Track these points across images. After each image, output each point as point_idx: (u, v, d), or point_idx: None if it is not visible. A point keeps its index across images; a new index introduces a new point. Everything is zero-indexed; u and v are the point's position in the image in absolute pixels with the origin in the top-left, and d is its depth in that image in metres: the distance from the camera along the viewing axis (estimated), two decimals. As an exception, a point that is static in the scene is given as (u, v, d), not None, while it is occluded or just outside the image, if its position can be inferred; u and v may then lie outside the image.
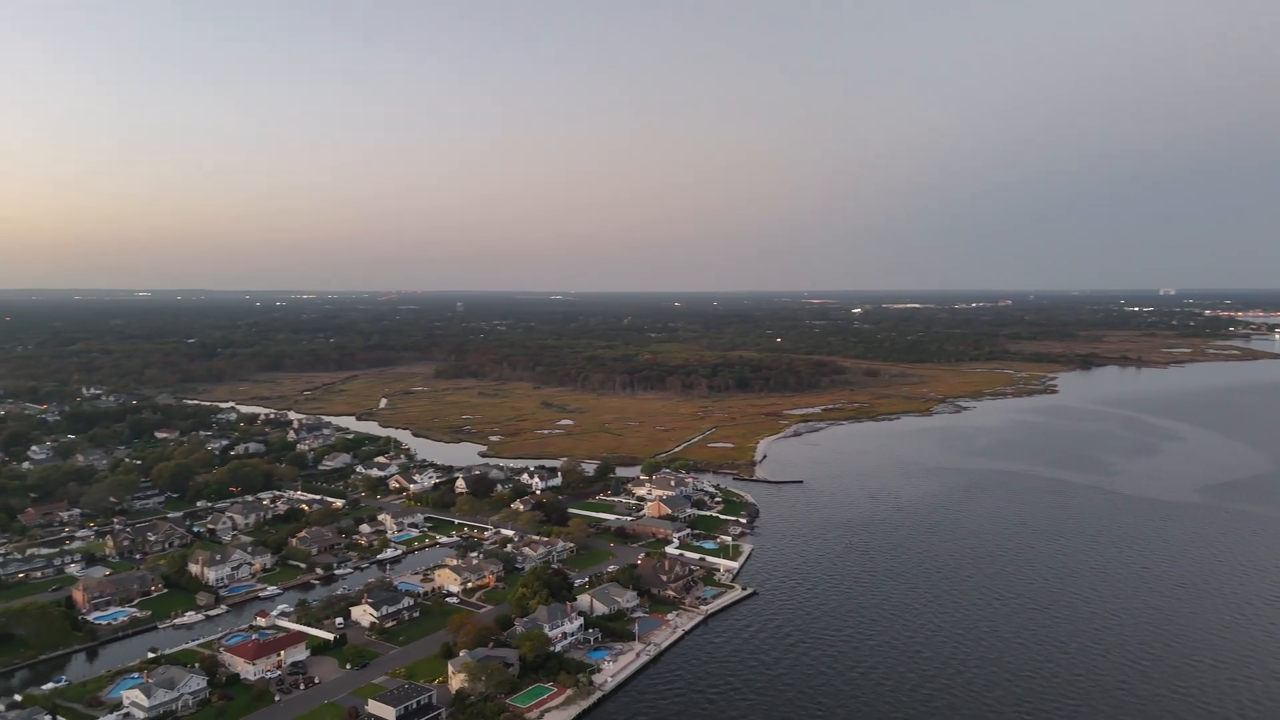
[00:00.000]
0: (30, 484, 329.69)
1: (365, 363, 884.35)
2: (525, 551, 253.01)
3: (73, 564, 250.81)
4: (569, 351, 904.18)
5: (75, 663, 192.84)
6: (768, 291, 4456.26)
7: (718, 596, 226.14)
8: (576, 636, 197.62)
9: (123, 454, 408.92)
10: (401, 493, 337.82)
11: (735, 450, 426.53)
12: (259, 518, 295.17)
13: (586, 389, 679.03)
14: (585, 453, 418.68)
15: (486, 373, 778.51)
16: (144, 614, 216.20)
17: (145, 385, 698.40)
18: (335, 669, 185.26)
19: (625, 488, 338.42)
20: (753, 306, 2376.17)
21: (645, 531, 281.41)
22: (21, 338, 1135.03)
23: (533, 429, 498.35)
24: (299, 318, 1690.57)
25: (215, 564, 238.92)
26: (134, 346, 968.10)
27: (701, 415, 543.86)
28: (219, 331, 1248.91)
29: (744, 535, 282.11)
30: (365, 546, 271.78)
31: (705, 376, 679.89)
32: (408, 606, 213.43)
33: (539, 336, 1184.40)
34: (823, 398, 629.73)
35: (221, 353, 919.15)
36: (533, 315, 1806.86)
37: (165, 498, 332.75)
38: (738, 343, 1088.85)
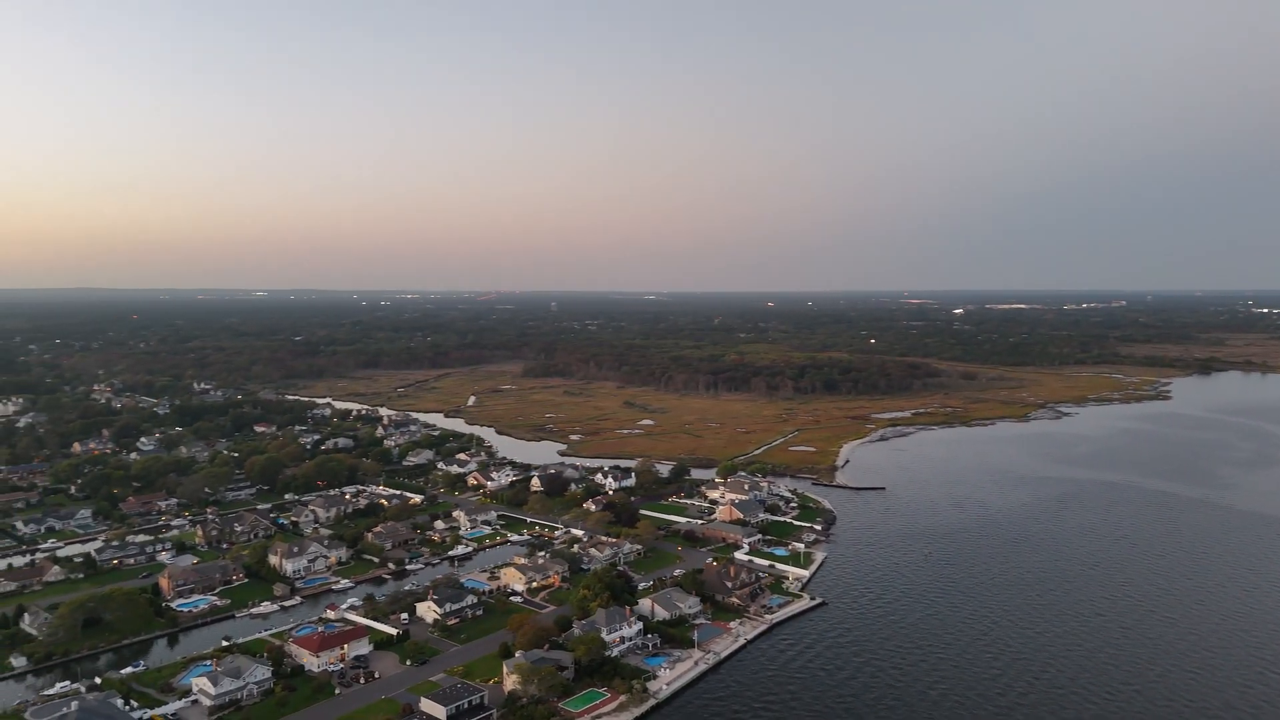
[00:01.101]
0: (134, 474, 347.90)
1: (458, 361, 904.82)
2: (592, 552, 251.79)
3: (164, 552, 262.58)
4: (655, 351, 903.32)
5: (157, 648, 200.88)
6: (865, 291, 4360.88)
7: (784, 605, 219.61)
8: (635, 641, 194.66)
9: (222, 447, 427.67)
10: (479, 490, 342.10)
11: (817, 454, 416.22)
12: (339, 511, 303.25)
13: (670, 389, 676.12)
14: (663, 453, 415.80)
15: (573, 372, 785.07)
16: (223, 603, 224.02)
17: (251, 381, 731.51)
18: (396, 664, 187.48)
19: (699, 490, 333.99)
20: (848, 307, 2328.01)
21: (715, 536, 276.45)
22: (145, 335, 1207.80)
23: (613, 428, 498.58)
24: (400, 317, 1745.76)
25: (293, 556, 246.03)
26: (244, 344, 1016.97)
27: (785, 418, 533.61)
28: (324, 330, 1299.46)
29: (818, 543, 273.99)
30: (438, 543, 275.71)
31: (791, 378, 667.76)
32: (471, 604, 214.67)
33: (627, 336, 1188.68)
34: (914, 401, 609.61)
35: (324, 350, 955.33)
36: (624, 315, 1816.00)
37: (256, 490, 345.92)
38: (829, 344, 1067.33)
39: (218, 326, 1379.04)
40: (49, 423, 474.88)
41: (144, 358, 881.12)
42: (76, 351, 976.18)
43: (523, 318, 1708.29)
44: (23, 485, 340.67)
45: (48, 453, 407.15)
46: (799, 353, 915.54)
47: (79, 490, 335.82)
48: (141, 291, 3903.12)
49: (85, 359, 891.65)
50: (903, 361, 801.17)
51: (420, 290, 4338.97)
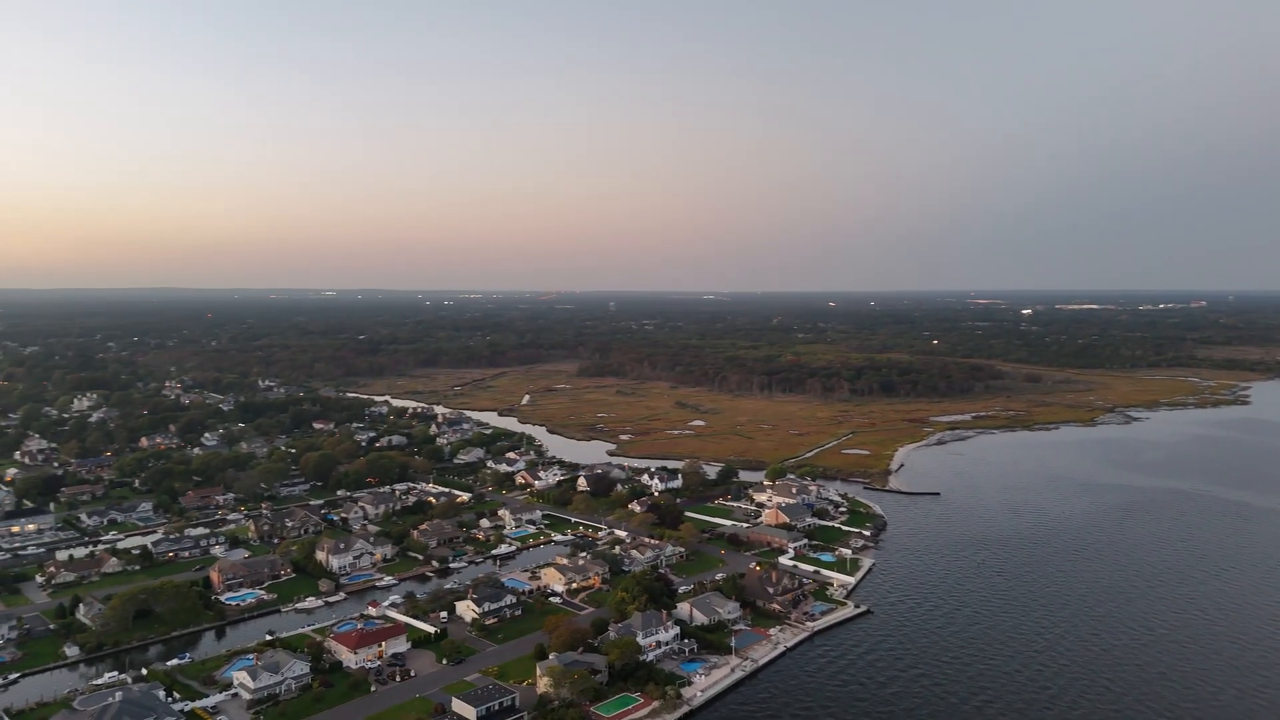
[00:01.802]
0: (194, 469, 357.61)
1: (515, 360, 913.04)
2: (633, 554, 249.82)
3: (216, 545, 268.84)
4: (710, 351, 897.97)
5: (205, 640, 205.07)
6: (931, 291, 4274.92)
7: (827, 613, 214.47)
8: (671, 646, 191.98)
9: (281, 443, 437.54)
10: (526, 488, 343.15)
11: (871, 458, 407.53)
12: (388, 508, 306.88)
13: (723, 390, 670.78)
14: (712, 454, 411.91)
15: (627, 371, 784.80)
16: (270, 597, 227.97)
17: (314, 378, 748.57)
18: (432, 663, 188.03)
19: (746, 493, 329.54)
20: (911, 307, 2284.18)
21: (759, 540, 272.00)
22: (217, 333, 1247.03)
23: (664, 429, 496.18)
24: (462, 316, 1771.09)
25: (339, 552, 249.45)
26: (309, 342, 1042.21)
27: (839, 420, 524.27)
28: (386, 329, 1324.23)
29: (866, 549, 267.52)
30: (482, 541, 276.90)
31: (848, 379, 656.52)
32: (510, 604, 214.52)
33: (683, 336, 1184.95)
34: (975, 404, 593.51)
35: (385, 349, 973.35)
36: (682, 315, 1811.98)
37: (310, 486, 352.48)
38: (889, 344, 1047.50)
39: (286, 325, 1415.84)
40: (120, 418, 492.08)
41: (214, 355, 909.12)
42: (152, 349, 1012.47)
43: (581, 318, 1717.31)
44: (90, 478, 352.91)
45: (116, 447, 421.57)
46: (858, 354, 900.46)
47: (142, 484, 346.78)
48: (218, 291, 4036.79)
49: (159, 356, 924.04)
50: (965, 363, 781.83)
51: (483, 290, 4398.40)
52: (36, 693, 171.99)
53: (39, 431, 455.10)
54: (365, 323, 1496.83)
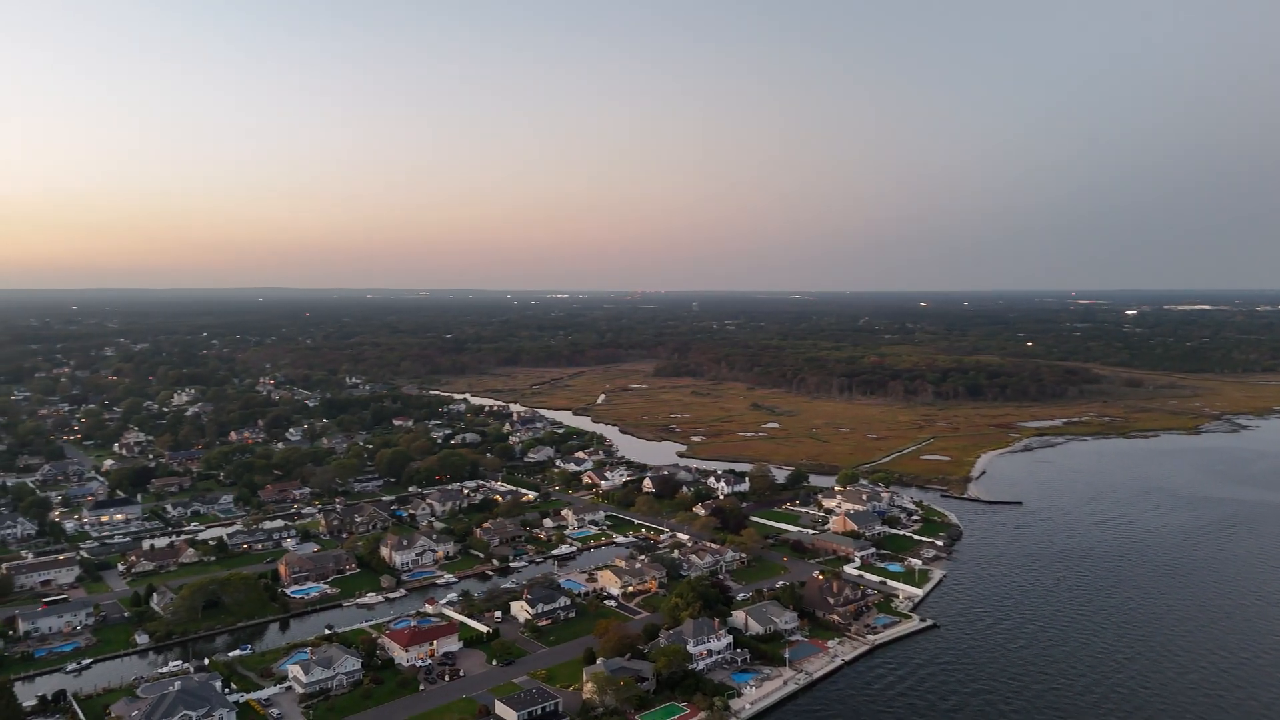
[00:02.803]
0: (275, 463, 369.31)
1: (594, 359, 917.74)
2: (692, 558, 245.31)
3: (288, 539, 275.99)
4: (791, 352, 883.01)
5: (270, 632, 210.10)
6: (1028, 291, 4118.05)
7: (890, 626, 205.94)
8: (723, 655, 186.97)
9: (361, 439, 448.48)
10: (592, 488, 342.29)
11: (951, 464, 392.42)
12: (455, 505, 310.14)
13: (801, 391, 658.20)
14: (784, 458, 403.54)
15: (704, 372, 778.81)
16: (333, 591, 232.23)
17: (399, 376, 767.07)
18: (483, 663, 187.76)
19: (815, 498, 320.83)
20: (1006, 307, 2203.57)
21: (825, 547, 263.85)
22: (313, 331, 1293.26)
23: (736, 431, 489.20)
24: (547, 316, 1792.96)
25: (401, 549, 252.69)
26: (398, 340, 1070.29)
27: (921, 424, 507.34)
28: (473, 328, 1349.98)
29: (937, 559, 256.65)
30: (544, 541, 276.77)
31: (932, 382, 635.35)
32: (564, 606, 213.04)
33: (764, 336, 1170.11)
34: (1067, 409, 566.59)
35: (469, 347, 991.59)
36: (765, 315, 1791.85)
37: (384, 482, 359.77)
38: (980, 346, 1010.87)
39: (378, 324, 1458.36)
40: (213, 412, 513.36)
41: (307, 353, 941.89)
42: (251, 346, 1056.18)
43: (663, 317, 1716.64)
44: (179, 471, 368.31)
45: (206, 440, 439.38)
46: (945, 355, 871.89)
47: (226, 477, 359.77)
48: (319, 291, 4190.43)
49: (256, 353, 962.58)
50: (1059, 366, 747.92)
51: (570, 290, 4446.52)
52: (106, 679, 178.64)
53: (139, 424, 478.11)
54: (454, 322, 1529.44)
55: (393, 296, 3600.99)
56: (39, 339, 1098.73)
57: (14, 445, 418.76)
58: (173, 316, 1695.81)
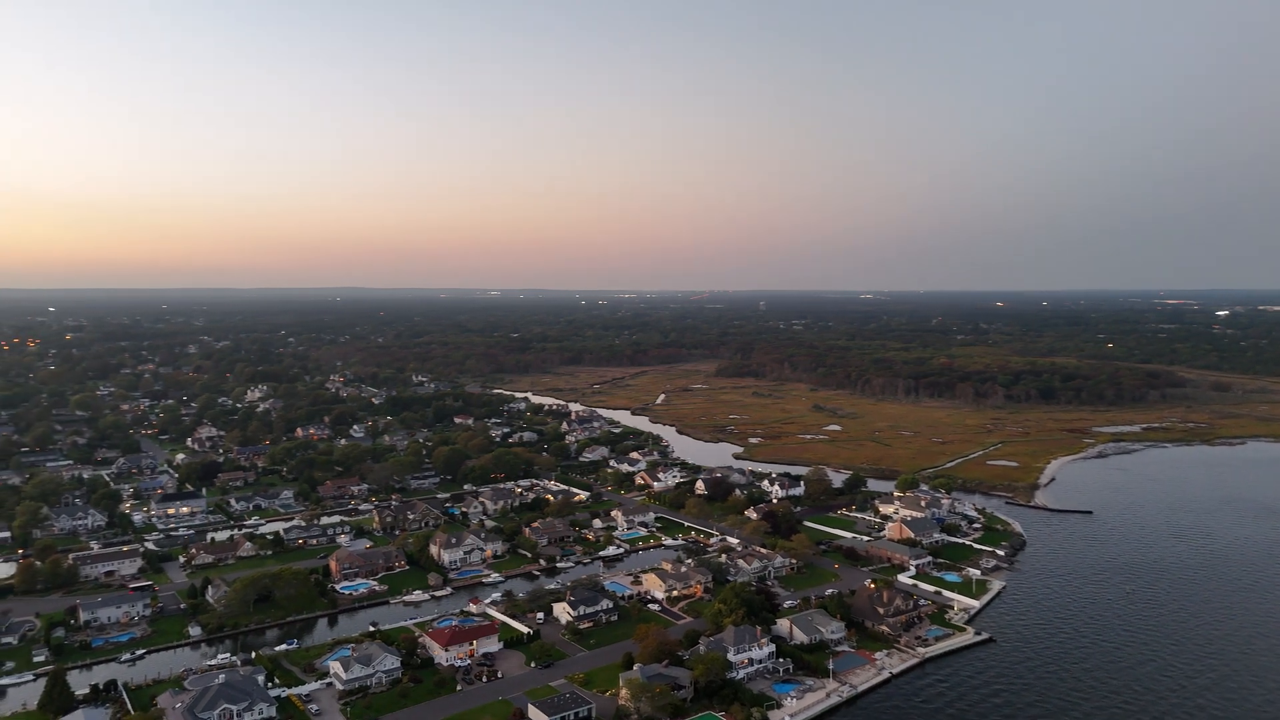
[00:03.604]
0: (335, 459, 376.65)
1: (656, 359, 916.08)
2: (740, 563, 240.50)
3: (342, 535, 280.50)
4: (857, 353, 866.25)
5: (318, 627, 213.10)
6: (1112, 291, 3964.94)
7: (943, 638, 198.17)
8: (764, 664, 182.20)
9: (422, 436, 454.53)
10: (644, 489, 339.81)
11: (1018, 470, 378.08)
12: (506, 504, 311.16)
13: (866, 393, 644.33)
14: (842, 461, 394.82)
15: (766, 372, 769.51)
16: (382, 588, 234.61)
17: (464, 375, 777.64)
18: (521, 665, 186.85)
19: (872, 504, 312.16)
20: (1088, 308, 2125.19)
21: (879, 555, 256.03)
22: (385, 330, 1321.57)
23: (796, 433, 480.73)
24: (613, 315, 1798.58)
25: (450, 547, 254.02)
26: (465, 339, 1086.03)
27: (989, 428, 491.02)
28: (539, 327, 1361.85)
29: (997, 570, 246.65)
30: (592, 541, 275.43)
31: (1003, 384, 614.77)
32: (606, 609, 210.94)
33: (831, 337, 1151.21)
34: (1147, 414, 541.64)
35: (534, 347, 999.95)
36: (834, 315, 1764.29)
37: (440, 479, 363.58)
38: (1056, 348, 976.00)
39: (448, 323, 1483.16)
40: (283, 409, 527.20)
41: (377, 351, 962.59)
42: (325, 344, 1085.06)
43: (729, 317, 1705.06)
44: (245, 466, 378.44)
45: (273, 436, 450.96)
46: (1018, 357, 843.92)
47: (289, 472, 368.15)
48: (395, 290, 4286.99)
49: (330, 351, 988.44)
50: (1140, 369, 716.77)
51: (638, 290, 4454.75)
52: (157, 670, 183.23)
53: (212, 420, 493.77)
54: (521, 321, 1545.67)
55: (465, 296, 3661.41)
56: (128, 337, 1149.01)
57: (94, 439, 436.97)
58: (255, 315, 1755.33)
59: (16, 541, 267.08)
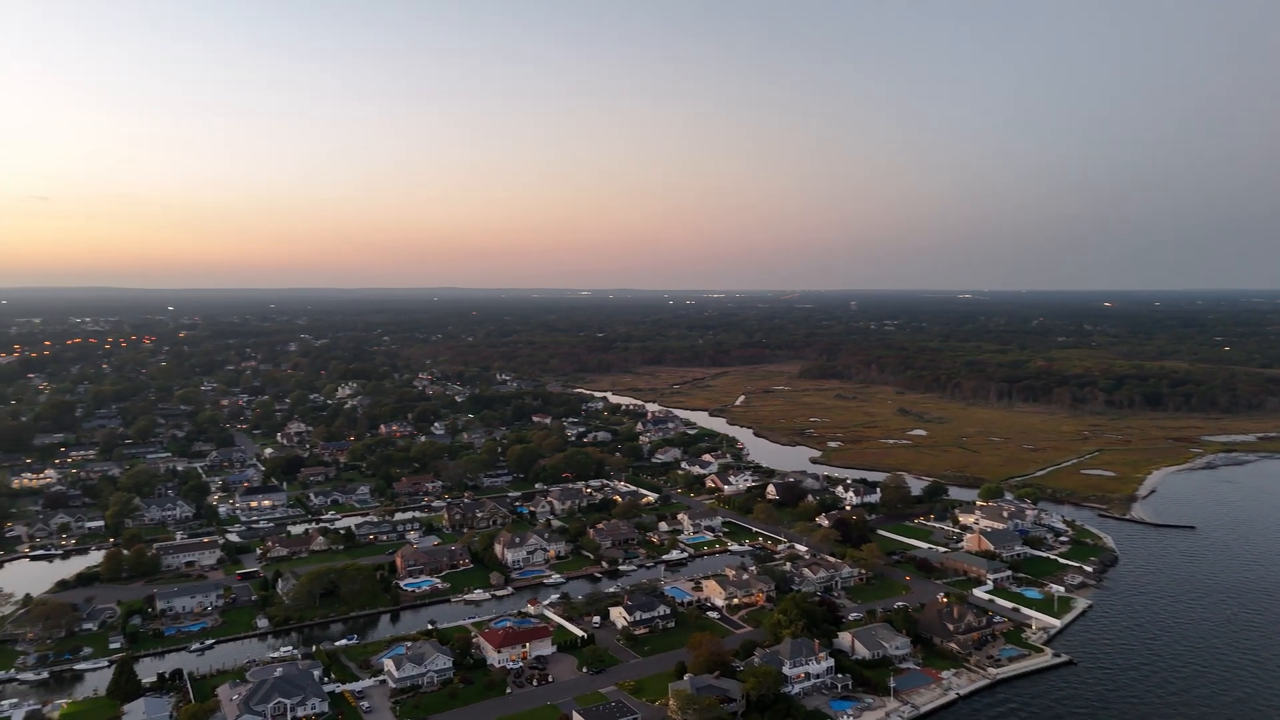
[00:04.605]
0: (413, 455, 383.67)
1: (739, 359, 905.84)
2: (805, 572, 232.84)
3: (412, 531, 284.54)
4: (948, 355, 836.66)
5: (381, 623, 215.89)
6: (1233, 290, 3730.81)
7: (1018, 659, 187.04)
8: (822, 679, 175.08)
9: (499, 434, 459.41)
10: (715, 492, 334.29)
11: (1115, 481, 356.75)
12: (574, 504, 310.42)
13: (956, 397, 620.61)
14: (925, 468, 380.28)
15: (852, 374, 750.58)
16: (444, 586, 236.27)
17: (546, 374, 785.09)
18: (573, 669, 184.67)
19: (951, 513, 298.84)
20: (1205, 308, 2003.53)
21: (954, 567, 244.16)
22: (476, 329, 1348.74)
23: (878, 437, 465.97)
24: (699, 315, 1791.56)
25: (514, 546, 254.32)
26: (550, 338, 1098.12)
27: (1086, 435, 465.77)
28: (624, 327, 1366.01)
29: (1084, 587, 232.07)
30: (656, 545, 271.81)
31: (1104, 389, 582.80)
32: (663, 615, 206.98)
33: (923, 338, 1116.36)
34: (1265, 422, 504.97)
35: (617, 346, 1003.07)
36: (928, 315, 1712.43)
37: (512, 477, 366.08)
38: (1166, 351, 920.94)
39: (537, 323, 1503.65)
40: (369, 406, 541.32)
41: (465, 350, 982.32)
42: (417, 343, 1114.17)
43: (818, 317, 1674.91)
44: (327, 461, 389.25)
45: (357, 432, 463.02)
46: (1123, 360, 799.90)
47: (368, 468, 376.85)
48: (490, 291, 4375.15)
49: (421, 350, 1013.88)
50: (1260, 374, 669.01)
51: (727, 290, 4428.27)
52: (223, 660, 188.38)
53: (302, 416, 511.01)
54: (608, 321, 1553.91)
55: (556, 296, 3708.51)
56: (236, 334, 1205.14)
57: (193, 432, 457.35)
58: (354, 314, 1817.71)
59: (109, 530, 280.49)
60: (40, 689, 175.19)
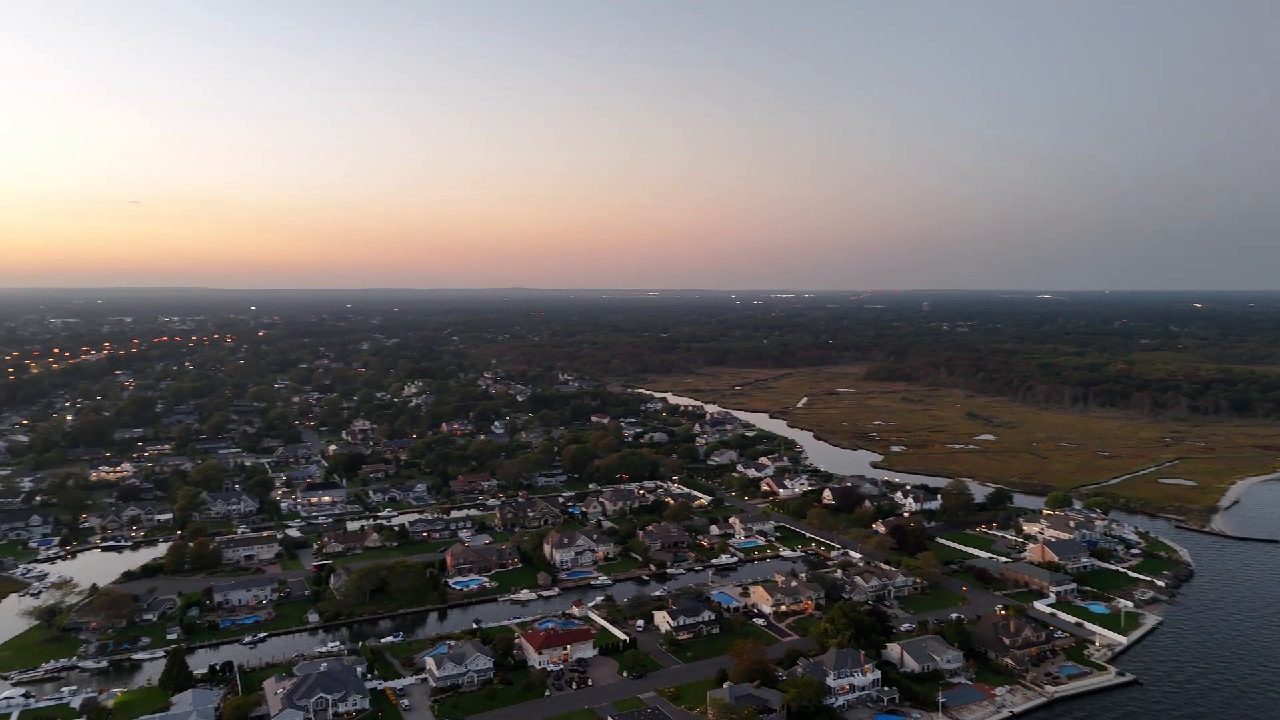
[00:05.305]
0: (470, 454, 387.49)
1: (803, 361, 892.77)
2: (856, 580, 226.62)
3: (464, 529, 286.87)
4: (1022, 357, 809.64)
5: (429, 621, 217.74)
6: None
7: (1077, 677, 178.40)
8: (867, 692, 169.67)
9: (557, 434, 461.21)
10: (770, 496, 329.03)
11: (1195, 491, 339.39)
12: (625, 505, 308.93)
13: (1028, 401, 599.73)
14: (991, 474, 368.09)
15: (920, 376, 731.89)
16: (492, 585, 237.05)
17: (608, 374, 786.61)
18: (613, 673, 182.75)
19: (1015, 522, 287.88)
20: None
21: (1015, 578, 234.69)
22: (542, 330, 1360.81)
23: (944, 442, 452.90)
24: (766, 315, 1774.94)
25: (562, 547, 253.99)
26: (614, 339, 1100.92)
27: (1166, 442, 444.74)
28: (689, 327, 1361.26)
29: (1154, 602, 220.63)
30: (706, 548, 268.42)
31: (1188, 394, 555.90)
32: (707, 620, 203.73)
33: (997, 339, 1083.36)
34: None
35: (680, 347, 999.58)
36: (1004, 316, 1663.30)
37: (567, 477, 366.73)
38: (1259, 354, 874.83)
39: (602, 323, 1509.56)
40: (432, 404, 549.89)
41: (530, 349, 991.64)
42: (485, 343, 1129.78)
43: (888, 318, 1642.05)
44: (388, 458, 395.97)
45: (419, 430, 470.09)
46: (1211, 364, 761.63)
47: (426, 466, 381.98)
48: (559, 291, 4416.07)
49: (487, 349, 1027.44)
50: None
51: (796, 290, 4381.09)
52: (273, 653, 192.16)
53: (368, 413, 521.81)
54: (673, 321, 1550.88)
55: (624, 296, 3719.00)
56: (312, 334, 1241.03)
57: (263, 429, 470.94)
58: (426, 314, 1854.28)
59: (176, 523, 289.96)
60: (99, 677, 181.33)
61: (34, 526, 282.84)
